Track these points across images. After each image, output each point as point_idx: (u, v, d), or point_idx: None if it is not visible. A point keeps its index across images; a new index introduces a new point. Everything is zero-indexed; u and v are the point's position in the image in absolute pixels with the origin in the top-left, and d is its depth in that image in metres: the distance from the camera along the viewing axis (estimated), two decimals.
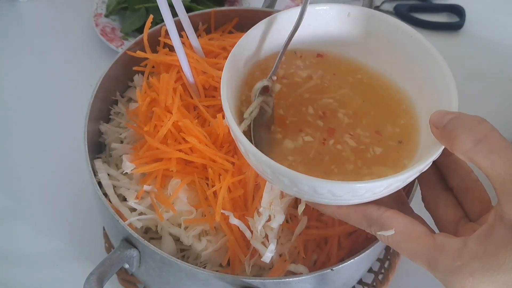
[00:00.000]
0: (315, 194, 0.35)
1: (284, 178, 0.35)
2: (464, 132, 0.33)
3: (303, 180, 0.34)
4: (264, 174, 0.37)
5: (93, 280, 0.41)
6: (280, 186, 0.37)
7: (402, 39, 0.43)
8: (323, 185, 0.34)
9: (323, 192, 0.35)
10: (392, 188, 0.36)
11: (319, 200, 0.37)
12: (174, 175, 0.49)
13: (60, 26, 0.83)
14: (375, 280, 0.58)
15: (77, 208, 0.62)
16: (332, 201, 0.37)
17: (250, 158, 0.37)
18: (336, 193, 0.35)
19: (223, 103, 0.38)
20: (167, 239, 0.50)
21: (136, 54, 0.55)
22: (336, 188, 0.34)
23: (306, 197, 0.37)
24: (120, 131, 0.56)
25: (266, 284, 0.43)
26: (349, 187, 0.35)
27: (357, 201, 0.37)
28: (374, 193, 0.35)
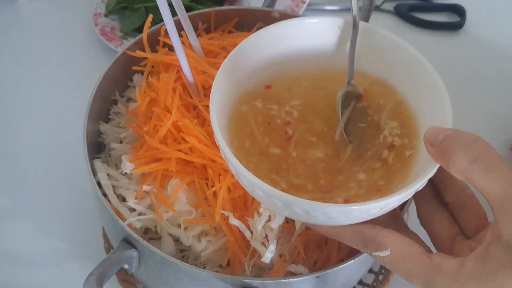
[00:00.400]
0: (308, 216, 0.35)
1: (276, 200, 0.35)
2: (460, 150, 0.32)
3: (297, 203, 0.34)
4: (256, 196, 0.37)
5: (92, 280, 0.41)
6: (273, 207, 0.37)
7: (396, 52, 0.43)
8: (317, 207, 0.34)
9: (316, 214, 0.35)
10: (387, 208, 0.35)
11: (313, 221, 0.36)
12: (174, 175, 0.49)
13: (60, 26, 0.83)
14: (375, 280, 0.58)
15: (76, 208, 0.62)
16: (326, 223, 0.36)
17: (240, 179, 0.37)
18: (330, 216, 0.35)
19: (212, 119, 0.38)
20: (166, 240, 0.50)
21: (136, 53, 0.55)
22: (330, 210, 0.34)
23: (299, 218, 0.37)
24: (120, 131, 0.56)
25: (266, 285, 0.43)
26: (344, 210, 0.34)
27: (351, 222, 0.37)
28: (369, 214, 0.35)
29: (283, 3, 0.83)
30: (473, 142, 0.32)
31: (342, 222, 0.36)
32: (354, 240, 0.37)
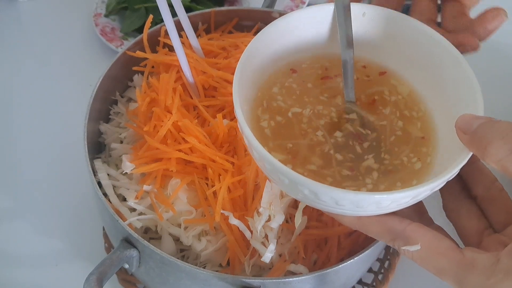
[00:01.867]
0: (336, 205, 0.34)
1: (303, 188, 0.34)
2: (497, 139, 0.31)
3: (326, 191, 0.33)
4: (281, 184, 0.35)
5: (93, 280, 0.41)
6: (298, 196, 0.35)
7: (420, 40, 0.42)
8: (346, 196, 0.33)
9: (345, 203, 0.33)
10: (418, 198, 0.34)
11: (340, 211, 0.35)
12: (174, 175, 0.49)
13: (60, 26, 0.83)
14: (375, 280, 0.58)
15: (77, 208, 0.62)
16: (353, 212, 0.35)
17: (265, 166, 0.35)
18: (359, 205, 0.33)
19: (234, 94, 0.37)
20: (167, 239, 0.50)
21: (136, 54, 0.55)
22: (360, 199, 0.33)
23: (325, 208, 0.35)
24: (120, 131, 0.56)
25: (266, 284, 0.43)
26: (374, 198, 0.33)
27: (379, 212, 0.35)
28: (399, 204, 0.34)
29: (282, 3, 0.83)
30: (511, 131, 0.31)
31: (370, 212, 0.35)
32: (381, 233, 0.36)
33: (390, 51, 0.44)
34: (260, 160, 0.36)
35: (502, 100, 0.77)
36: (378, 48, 0.44)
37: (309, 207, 0.49)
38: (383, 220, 0.35)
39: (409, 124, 0.41)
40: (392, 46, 0.44)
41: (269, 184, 0.47)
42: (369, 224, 0.36)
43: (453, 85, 0.40)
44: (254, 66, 0.41)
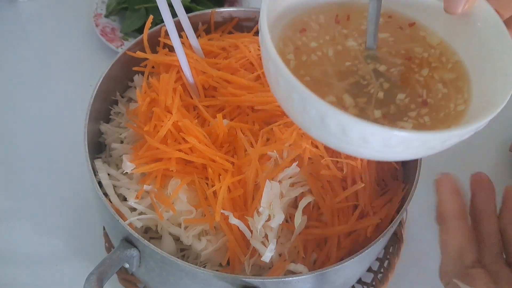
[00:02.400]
0: (362, 143, 0.31)
1: (332, 121, 0.31)
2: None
3: (355, 125, 0.30)
4: (304, 117, 0.33)
5: (93, 280, 0.41)
6: (321, 135, 0.33)
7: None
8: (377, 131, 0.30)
9: (373, 140, 0.31)
10: (447, 144, 0.32)
11: (363, 150, 0.33)
12: (174, 175, 0.50)
13: (60, 26, 0.83)
14: (375, 279, 0.58)
15: (77, 207, 0.62)
16: (378, 153, 0.33)
17: (292, 95, 0.32)
18: (389, 143, 0.31)
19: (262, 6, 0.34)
20: (167, 239, 0.50)
21: (136, 54, 0.55)
22: (390, 135, 0.30)
23: (347, 148, 0.33)
24: (120, 131, 0.56)
25: (265, 284, 0.44)
26: (407, 136, 0.30)
27: (406, 154, 0.33)
28: (427, 147, 0.32)
29: None
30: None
31: (397, 152, 0.32)
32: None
33: (417, 2, 0.42)
34: (287, 90, 0.33)
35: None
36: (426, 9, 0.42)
37: (309, 207, 0.49)
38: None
39: (441, 71, 0.40)
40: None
41: (269, 184, 0.48)
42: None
43: (485, 36, 0.39)
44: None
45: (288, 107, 0.35)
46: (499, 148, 0.69)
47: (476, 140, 0.69)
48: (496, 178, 0.39)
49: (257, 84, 0.54)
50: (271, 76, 0.35)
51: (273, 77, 0.34)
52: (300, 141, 0.50)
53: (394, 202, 0.51)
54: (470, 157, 0.68)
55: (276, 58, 0.32)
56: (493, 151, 0.69)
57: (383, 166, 0.54)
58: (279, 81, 0.33)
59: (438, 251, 0.37)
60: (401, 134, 0.31)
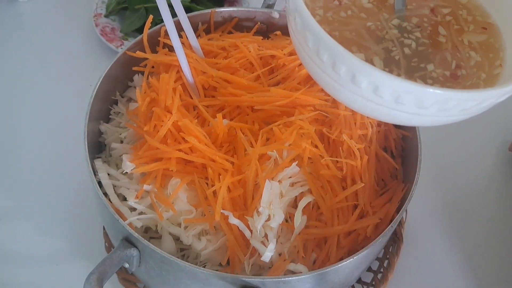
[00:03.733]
0: (394, 103, 0.30)
1: (363, 79, 0.29)
2: None
3: (389, 81, 0.29)
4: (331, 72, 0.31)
5: (93, 279, 0.41)
6: (348, 91, 0.31)
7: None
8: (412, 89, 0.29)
9: (406, 100, 0.29)
10: (484, 105, 0.31)
11: (394, 112, 0.31)
12: (174, 175, 0.50)
13: (60, 26, 0.83)
14: (374, 279, 0.58)
15: (77, 207, 0.62)
16: (410, 115, 0.31)
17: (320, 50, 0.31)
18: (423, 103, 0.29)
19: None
20: (167, 239, 0.50)
21: (136, 54, 0.56)
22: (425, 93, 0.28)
23: (376, 109, 0.31)
24: (120, 131, 0.56)
25: (265, 283, 0.44)
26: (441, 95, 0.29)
27: (442, 116, 0.32)
28: (464, 108, 0.30)
29: (282, 3, 0.83)
30: None
31: (431, 114, 0.31)
32: None
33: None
34: (316, 44, 0.31)
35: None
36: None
37: (309, 207, 0.49)
38: None
39: (473, 31, 0.38)
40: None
41: (268, 184, 0.48)
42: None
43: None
44: None
45: (314, 67, 0.33)
46: (499, 148, 0.69)
47: (476, 140, 0.69)
48: (496, 178, 0.39)
49: (257, 84, 0.54)
50: (297, 32, 0.32)
51: (299, 32, 0.32)
52: (300, 141, 0.50)
53: (393, 202, 0.51)
54: (470, 157, 0.68)
55: (304, 10, 0.31)
56: (493, 151, 0.69)
57: (382, 166, 0.54)
58: (307, 36, 0.31)
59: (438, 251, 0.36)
60: (437, 92, 0.29)
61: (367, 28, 0.37)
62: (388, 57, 0.35)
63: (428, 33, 0.38)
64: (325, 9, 0.38)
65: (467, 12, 0.40)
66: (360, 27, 0.37)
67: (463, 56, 0.37)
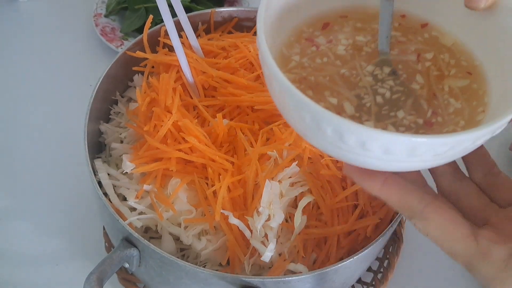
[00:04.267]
0: (361, 150, 0.30)
1: (327, 127, 0.29)
2: None
3: (354, 130, 0.29)
4: (300, 122, 0.31)
5: (93, 279, 0.41)
6: (317, 138, 0.31)
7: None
8: (379, 136, 0.28)
9: (373, 147, 0.29)
10: (458, 149, 0.30)
11: (363, 159, 0.31)
12: (174, 175, 0.50)
13: (60, 26, 0.83)
14: (374, 279, 0.58)
15: (77, 207, 0.62)
16: (378, 161, 0.31)
17: (285, 98, 0.31)
18: (389, 149, 0.29)
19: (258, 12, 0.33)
20: (167, 239, 0.50)
21: (136, 54, 0.56)
22: (394, 141, 0.28)
23: (348, 155, 0.31)
24: (120, 131, 0.56)
25: (265, 283, 0.44)
26: (409, 141, 0.28)
27: (408, 165, 0.31)
28: (435, 153, 0.30)
29: None
30: None
31: (400, 160, 0.31)
32: (401, 207, 0.35)
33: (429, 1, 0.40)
34: (281, 93, 0.32)
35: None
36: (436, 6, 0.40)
37: (309, 207, 0.49)
38: (404, 193, 0.34)
39: (455, 75, 0.38)
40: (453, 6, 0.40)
41: (268, 184, 0.48)
42: (390, 195, 0.34)
43: (505, 36, 0.36)
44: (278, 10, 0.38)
45: (283, 112, 0.34)
46: (499, 148, 0.69)
47: None
48: None
49: (257, 84, 0.54)
50: (265, 77, 0.34)
51: (267, 78, 0.33)
52: (300, 141, 0.50)
53: None
54: None
55: (269, 59, 0.31)
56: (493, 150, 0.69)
57: None
58: (273, 84, 0.32)
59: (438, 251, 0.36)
60: (402, 138, 0.29)
61: (341, 75, 0.37)
62: (360, 104, 0.36)
63: (403, 80, 0.38)
64: (301, 55, 0.39)
65: (450, 55, 0.40)
66: (334, 73, 0.37)
67: (440, 103, 0.37)
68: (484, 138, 0.32)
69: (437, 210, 0.34)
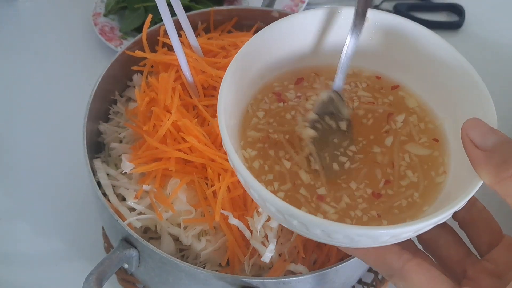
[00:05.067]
0: (329, 238, 0.32)
1: (292, 219, 0.32)
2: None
3: (317, 224, 0.31)
4: (267, 210, 0.34)
5: (92, 280, 0.41)
6: (288, 226, 0.33)
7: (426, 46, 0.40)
8: (340, 229, 0.30)
9: (338, 237, 0.31)
10: (420, 232, 0.32)
11: (333, 243, 0.33)
12: (173, 175, 0.49)
13: (59, 26, 0.83)
14: (375, 279, 0.58)
15: (76, 208, 0.62)
16: (347, 245, 0.33)
17: (251, 192, 0.33)
18: (354, 239, 0.31)
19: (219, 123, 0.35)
20: (166, 239, 0.50)
21: (135, 53, 0.55)
22: (354, 233, 0.30)
23: (317, 239, 0.33)
24: (119, 131, 0.56)
25: (265, 284, 0.43)
26: (371, 233, 0.30)
27: (377, 245, 0.33)
28: (398, 238, 0.32)
29: (282, 2, 0.83)
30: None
31: (367, 245, 0.33)
32: (379, 266, 0.34)
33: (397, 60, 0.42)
34: (247, 188, 0.34)
35: (501, 100, 0.77)
36: (384, 59, 0.42)
37: None
38: (381, 253, 0.33)
39: (417, 142, 0.39)
40: (398, 55, 0.42)
41: None
42: (367, 255, 0.34)
43: (463, 97, 0.38)
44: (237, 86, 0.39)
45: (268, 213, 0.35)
46: None
47: None
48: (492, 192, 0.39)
49: None
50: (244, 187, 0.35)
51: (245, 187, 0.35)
52: None
53: None
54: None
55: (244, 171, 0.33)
56: None
57: None
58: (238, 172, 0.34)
59: None
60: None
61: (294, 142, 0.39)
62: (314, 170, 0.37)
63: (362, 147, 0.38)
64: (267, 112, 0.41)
65: (418, 118, 0.40)
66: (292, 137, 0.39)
67: (395, 173, 0.37)
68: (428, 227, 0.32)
69: (417, 269, 0.32)
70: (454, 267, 0.36)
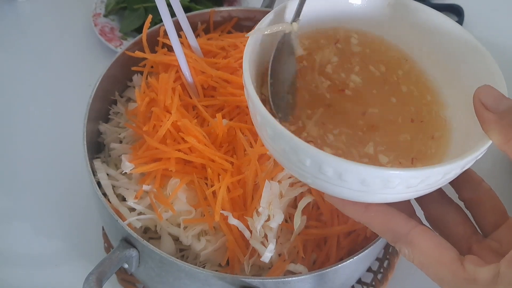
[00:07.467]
0: (339, 180, 0.31)
1: (306, 158, 0.30)
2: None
3: (331, 162, 0.29)
4: (279, 153, 0.32)
5: (92, 280, 0.41)
6: (297, 169, 0.32)
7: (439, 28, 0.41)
8: (353, 169, 0.29)
9: (348, 177, 0.30)
10: (428, 182, 0.31)
11: (339, 190, 0.32)
12: (173, 175, 0.49)
13: (59, 26, 0.83)
14: (374, 279, 0.58)
15: (76, 208, 0.62)
16: (355, 192, 0.32)
17: (266, 131, 0.32)
18: (366, 181, 0.30)
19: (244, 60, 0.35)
20: (166, 239, 0.50)
21: (135, 54, 0.55)
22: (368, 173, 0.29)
23: (325, 186, 0.32)
24: (119, 131, 0.56)
25: (265, 284, 0.43)
26: (384, 174, 0.29)
27: (386, 196, 0.32)
28: (408, 185, 0.31)
29: (282, 2, 0.83)
30: None
31: (375, 191, 0.31)
32: (384, 231, 0.34)
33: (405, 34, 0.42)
34: (262, 125, 0.33)
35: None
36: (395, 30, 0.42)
37: (309, 207, 0.49)
38: (388, 217, 0.34)
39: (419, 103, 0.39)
40: (408, 30, 0.42)
41: (268, 184, 0.47)
42: (374, 220, 0.34)
43: (470, 72, 0.38)
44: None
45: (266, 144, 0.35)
46: None
47: None
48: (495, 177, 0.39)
49: None
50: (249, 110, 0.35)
51: (253, 116, 0.34)
52: None
53: None
54: None
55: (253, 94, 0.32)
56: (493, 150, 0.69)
57: None
58: (256, 118, 0.34)
59: None
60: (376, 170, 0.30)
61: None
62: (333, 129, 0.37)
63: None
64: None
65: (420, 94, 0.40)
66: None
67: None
68: (455, 172, 0.32)
69: (423, 233, 0.33)
70: (460, 244, 0.36)
